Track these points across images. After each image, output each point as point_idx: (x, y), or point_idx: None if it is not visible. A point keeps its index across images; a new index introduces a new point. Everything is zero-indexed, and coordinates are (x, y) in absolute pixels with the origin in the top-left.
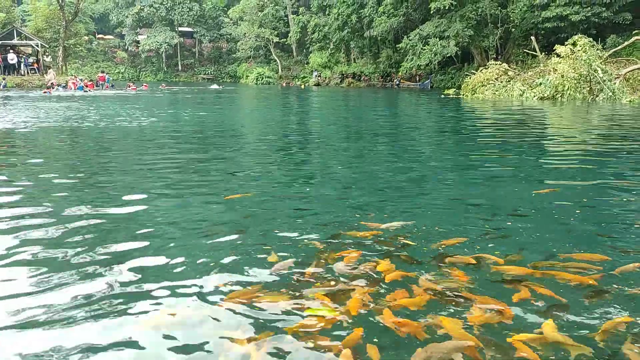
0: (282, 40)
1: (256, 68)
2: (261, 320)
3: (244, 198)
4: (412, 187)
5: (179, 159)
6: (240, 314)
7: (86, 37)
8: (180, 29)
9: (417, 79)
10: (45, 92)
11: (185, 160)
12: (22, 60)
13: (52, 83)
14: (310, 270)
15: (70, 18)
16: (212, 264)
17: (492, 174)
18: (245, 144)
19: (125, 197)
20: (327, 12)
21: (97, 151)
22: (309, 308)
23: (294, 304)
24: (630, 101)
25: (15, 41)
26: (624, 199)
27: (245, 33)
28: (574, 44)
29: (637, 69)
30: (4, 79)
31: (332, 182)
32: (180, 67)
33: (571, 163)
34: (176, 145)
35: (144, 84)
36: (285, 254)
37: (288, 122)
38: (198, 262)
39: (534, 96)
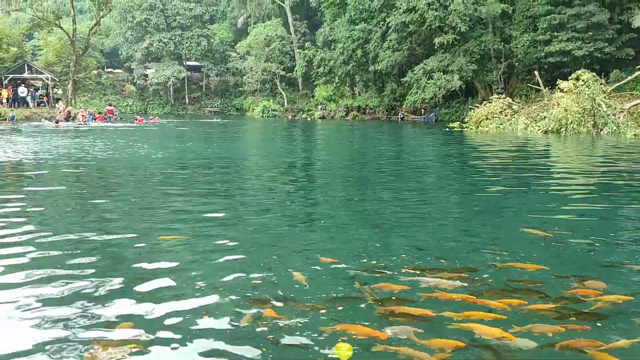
0: (288, 74)
1: (262, 101)
2: None
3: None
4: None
5: (174, 192)
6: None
7: (95, 71)
8: (187, 63)
9: (422, 112)
10: (53, 123)
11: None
12: (29, 93)
13: (70, 115)
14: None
15: (81, 52)
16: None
17: (497, 210)
18: (247, 180)
19: (105, 236)
20: (332, 47)
21: (96, 181)
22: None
23: None
24: (635, 135)
25: (26, 75)
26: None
27: (252, 67)
28: (577, 79)
29: None
30: (12, 111)
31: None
32: (187, 100)
33: (575, 199)
34: (174, 179)
35: (151, 117)
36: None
37: (296, 155)
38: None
39: (538, 130)
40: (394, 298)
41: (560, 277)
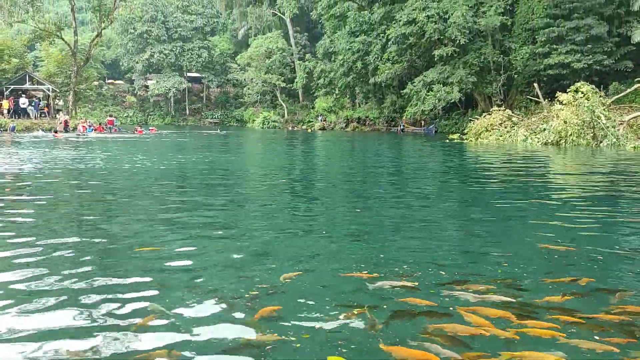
0: (289, 85)
1: (262, 112)
2: None
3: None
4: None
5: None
6: None
7: (96, 82)
8: (188, 74)
9: (422, 123)
10: (51, 133)
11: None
12: (33, 104)
13: (68, 125)
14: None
15: (82, 64)
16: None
17: (498, 222)
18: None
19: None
20: (332, 59)
21: (89, 193)
22: None
23: None
24: (634, 147)
25: (27, 86)
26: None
27: (252, 78)
28: (577, 91)
29: None
30: (13, 122)
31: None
32: (187, 111)
33: (575, 210)
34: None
35: (151, 128)
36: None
37: (296, 167)
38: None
39: (538, 142)
40: (427, 313)
41: (598, 290)
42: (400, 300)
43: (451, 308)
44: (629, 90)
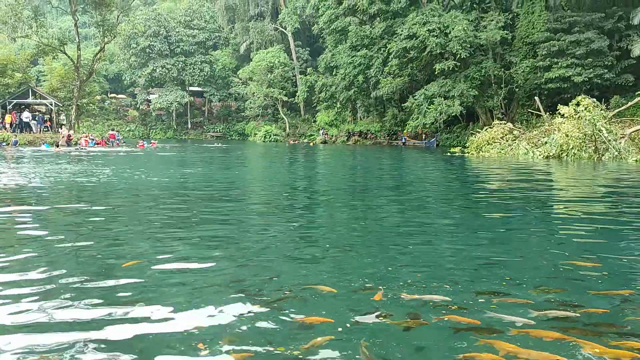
0: (290, 99)
1: (264, 126)
2: None
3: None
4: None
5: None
6: None
7: (99, 97)
8: (190, 88)
9: (423, 137)
10: (55, 149)
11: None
12: (37, 118)
13: (71, 139)
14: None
15: (85, 78)
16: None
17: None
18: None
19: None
20: (333, 73)
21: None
22: None
23: None
24: (636, 160)
25: (30, 100)
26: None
27: (254, 92)
28: (578, 104)
29: None
30: (15, 136)
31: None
32: (189, 125)
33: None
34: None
35: (152, 141)
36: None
37: (299, 181)
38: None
39: (540, 155)
40: (473, 330)
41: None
42: (445, 317)
43: (494, 326)
44: (630, 103)
